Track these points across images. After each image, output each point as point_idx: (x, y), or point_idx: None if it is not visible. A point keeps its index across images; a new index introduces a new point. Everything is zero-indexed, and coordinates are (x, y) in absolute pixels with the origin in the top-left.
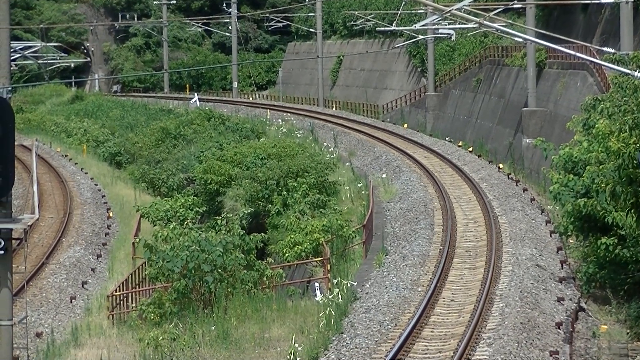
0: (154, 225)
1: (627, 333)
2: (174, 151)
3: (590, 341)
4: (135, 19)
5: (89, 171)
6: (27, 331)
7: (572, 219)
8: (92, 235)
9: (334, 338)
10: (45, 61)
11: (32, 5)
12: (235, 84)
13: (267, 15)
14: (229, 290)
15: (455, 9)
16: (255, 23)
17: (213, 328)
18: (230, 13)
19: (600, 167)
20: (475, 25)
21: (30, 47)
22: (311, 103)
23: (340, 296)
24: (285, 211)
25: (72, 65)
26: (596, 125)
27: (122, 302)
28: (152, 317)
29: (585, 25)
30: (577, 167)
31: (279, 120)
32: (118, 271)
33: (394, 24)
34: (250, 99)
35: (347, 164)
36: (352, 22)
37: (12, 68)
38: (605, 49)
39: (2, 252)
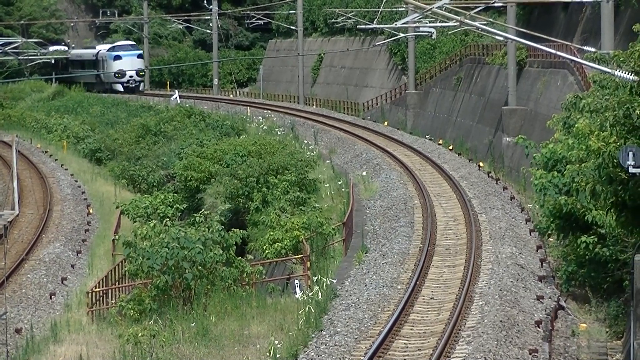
0: (134, 222)
1: (607, 332)
2: (154, 148)
3: (570, 339)
4: (116, 15)
5: (69, 167)
6: (6, 327)
7: (553, 218)
8: (72, 231)
9: (313, 335)
10: (26, 57)
11: (12, 1)
12: (216, 81)
13: (248, 12)
14: (209, 287)
15: (436, 7)
16: (236, 20)
17: (192, 325)
18: (211, 10)
19: (581, 165)
20: (456, 24)
21: (10, 43)
22: (292, 100)
23: (320, 293)
24: (265, 208)
25: (53, 61)
26: (576, 125)
27: (101, 298)
28: (131, 314)
29: (566, 24)
30: (559, 165)
31: (260, 117)
32: (98, 267)
33: (374, 22)
34: (231, 96)
35: (328, 161)
36: (333, 20)
37: None
38: (586, 47)
39: None
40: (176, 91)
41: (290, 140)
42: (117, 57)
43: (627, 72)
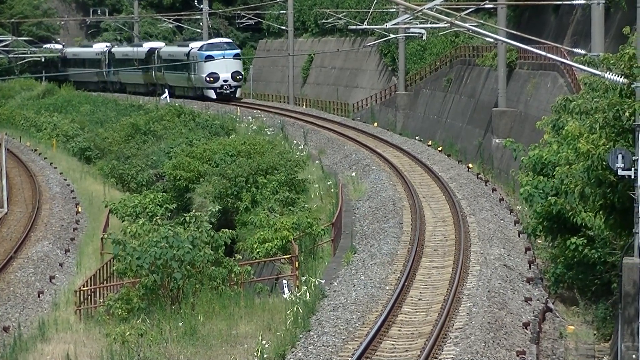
0: (123, 221)
1: (594, 334)
2: (144, 147)
3: (557, 342)
4: (107, 14)
5: (59, 166)
6: None
7: (541, 220)
8: (60, 230)
9: (301, 335)
10: (16, 55)
11: None
12: None
13: (239, 12)
14: (197, 286)
15: (427, 9)
16: (226, 20)
17: (180, 324)
18: (201, 9)
19: (570, 167)
20: (446, 25)
21: (0, 41)
22: (282, 101)
23: (308, 294)
24: (254, 208)
25: (43, 59)
26: (565, 127)
27: (89, 297)
28: (119, 313)
29: (556, 26)
30: (547, 169)
31: (249, 117)
32: (86, 266)
33: (365, 23)
34: None
35: (317, 162)
36: (323, 20)
37: None
38: (576, 50)
39: None
40: (166, 90)
41: (280, 141)
42: (209, 58)
43: (616, 75)
